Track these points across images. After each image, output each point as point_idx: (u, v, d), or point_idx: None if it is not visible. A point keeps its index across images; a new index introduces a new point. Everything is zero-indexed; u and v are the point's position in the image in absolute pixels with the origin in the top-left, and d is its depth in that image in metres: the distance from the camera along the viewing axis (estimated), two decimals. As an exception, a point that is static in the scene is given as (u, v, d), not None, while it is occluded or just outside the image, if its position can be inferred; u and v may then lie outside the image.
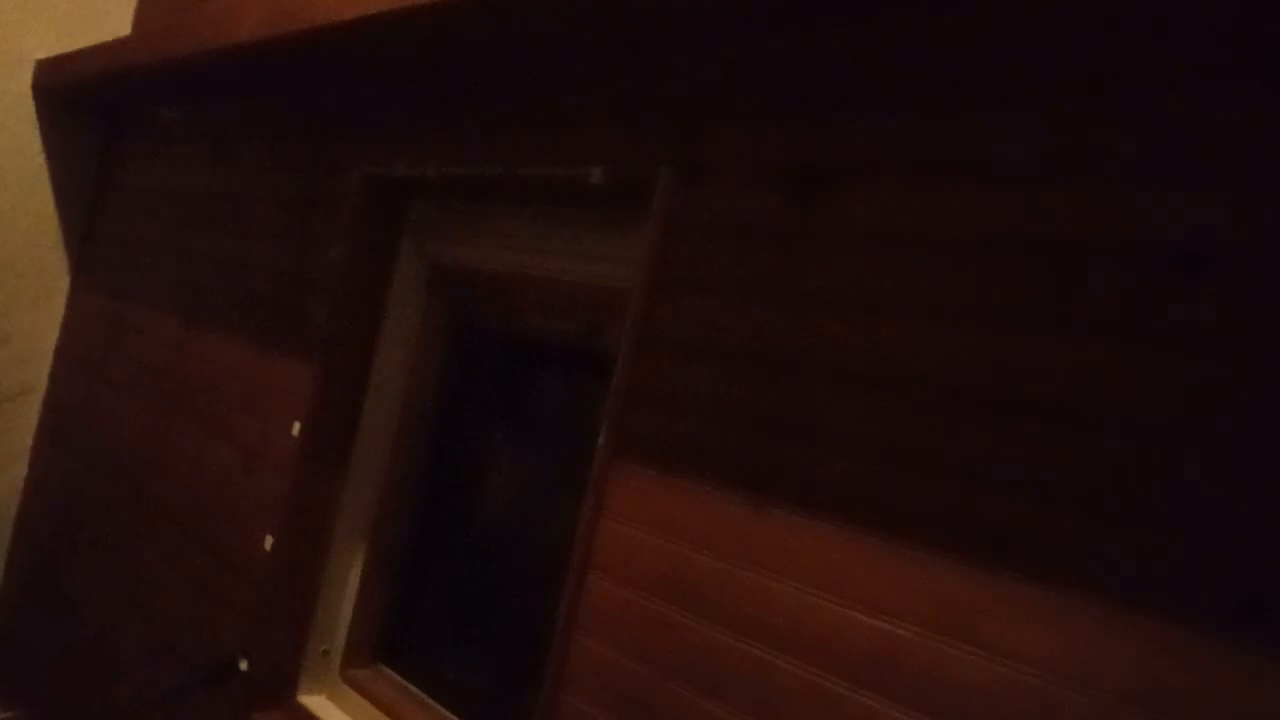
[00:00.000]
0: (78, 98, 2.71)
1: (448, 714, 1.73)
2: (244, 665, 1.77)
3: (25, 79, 2.66)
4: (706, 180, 1.24)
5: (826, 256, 1.09)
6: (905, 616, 0.95)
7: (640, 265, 1.29)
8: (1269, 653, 0.75)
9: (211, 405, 2.12)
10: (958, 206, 0.98)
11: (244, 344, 2.05)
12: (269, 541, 1.80)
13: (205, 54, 1.89)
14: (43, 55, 2.65)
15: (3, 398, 2.74)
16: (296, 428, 1.80)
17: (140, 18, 2.77)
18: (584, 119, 1.45)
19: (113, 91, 2.58)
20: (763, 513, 1.09)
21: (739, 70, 1.23)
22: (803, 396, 1.07)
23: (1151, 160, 0.87)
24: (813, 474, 1.05)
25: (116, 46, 2.33)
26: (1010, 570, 0.89)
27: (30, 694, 2.57)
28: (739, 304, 1.16)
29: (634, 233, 1.41)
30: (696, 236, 1.23)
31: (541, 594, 1.56)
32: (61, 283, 2.84)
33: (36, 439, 2.86)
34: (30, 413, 2.84)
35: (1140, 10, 0.89)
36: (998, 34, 0.98)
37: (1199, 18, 0.85)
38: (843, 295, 1.06)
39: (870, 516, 0.99)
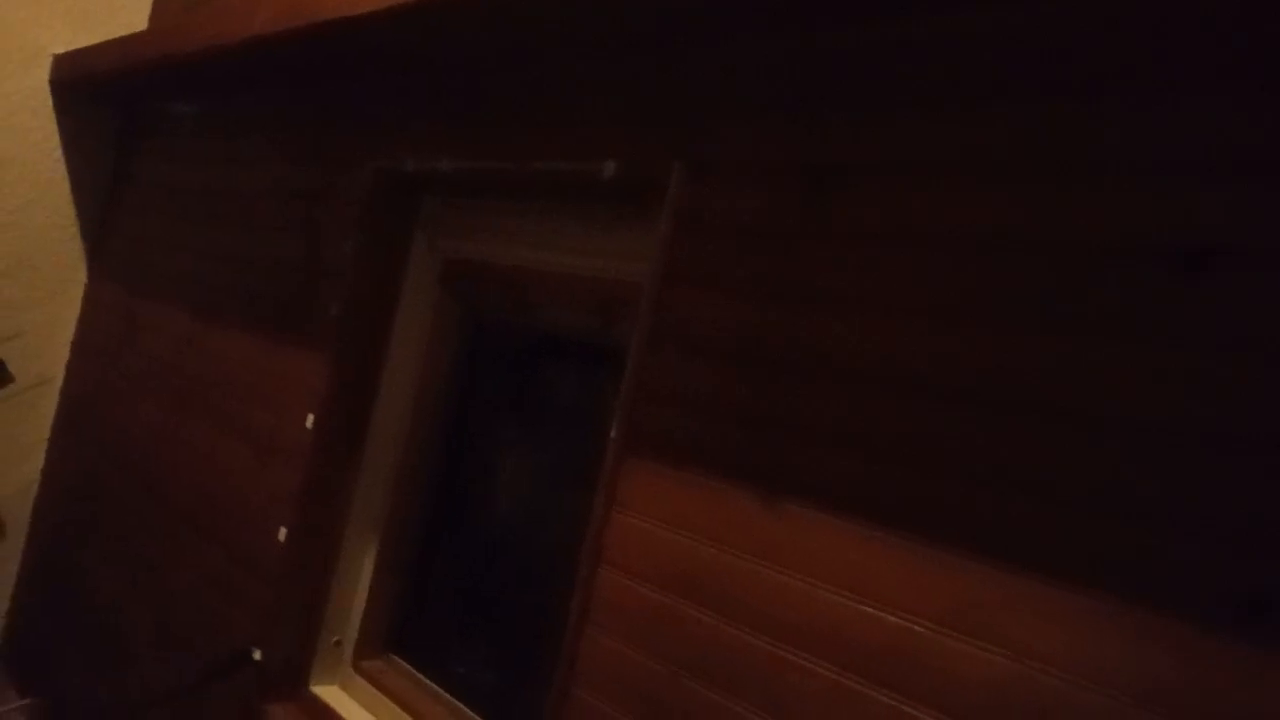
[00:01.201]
0: (94, 92, 2.73)
1: (459, 704, 1.74)
2: (257, 655, 1.79)
3: (43, 73, 2.68)
4: (709, 179, 1.24)
5: (828, 255, 1.09)
6: (919, 613, 0.95)
7: (651, 260, 1.29)
8: (1269, 651, 0.75)
9: (223, 399, 2.14)
10: (958, 206, 0.98)
11: (254, 338, 2.07)
12: (283, 533, 1.81)
13: (218, 48, 1.90)
14: (60, 50, 2.67)
15: (20, 389, 2.76)
16: (311, 420, 1.81)
17: (156, 12, 2.79)
18: (591, 116, 1.45)
19: (128, 86, 2.59)
20: (774, 509, 1.09)
21: (740, 70, 1.24)
22: (805, 394, 1.08)
23: (1151, 160, 0.86)
24: (820, 471, 1.05)
25: (132, 41, 2.34)
26: (1018, 568, 0.89)
27: (45, 683, 2.60)
28: (744, 301, 1.16)
29: (641, 228, 1.41)
30: (704, 233, 1.23)
31: (553, 587, 1.57)
32: (78, 275, 2.86)
33: (53, 431, 2.88)
34: (47, 405, 2.87)
35: (1140, 10, 0.88)
36: (998, 34, 0.98)
37: (1199, 18, 0.85)
38: (844, 294, 1.07)
39: (879, 514, 1.00)
